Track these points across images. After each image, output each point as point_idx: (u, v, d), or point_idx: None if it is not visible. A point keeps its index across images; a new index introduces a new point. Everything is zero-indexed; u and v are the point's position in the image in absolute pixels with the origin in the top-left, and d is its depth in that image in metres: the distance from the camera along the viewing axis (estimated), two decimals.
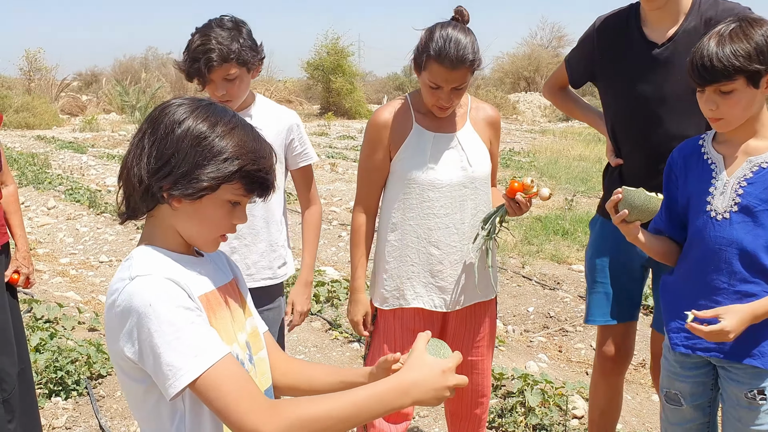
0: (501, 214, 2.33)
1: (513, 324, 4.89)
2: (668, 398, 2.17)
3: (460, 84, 2.20)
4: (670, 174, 2.13)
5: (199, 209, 1.31)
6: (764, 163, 1.91)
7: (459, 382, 1.29)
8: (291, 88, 33.81)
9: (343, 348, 4.42)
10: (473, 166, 2.35)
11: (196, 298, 1.27)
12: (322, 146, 16.40)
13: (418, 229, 2.34)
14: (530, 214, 8.23)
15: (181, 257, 1.35)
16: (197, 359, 1.18)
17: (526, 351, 4.41)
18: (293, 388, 1.55)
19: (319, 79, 27.32)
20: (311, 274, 2.64)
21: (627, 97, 2.40)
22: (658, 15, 2.31)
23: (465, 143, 2.36)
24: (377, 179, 2.39)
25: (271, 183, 1.37)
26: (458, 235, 2.36)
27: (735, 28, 1.84)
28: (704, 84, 1.85)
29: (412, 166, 2.31)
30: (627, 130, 2.45)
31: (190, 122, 1.29)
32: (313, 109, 29.55)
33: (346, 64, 26.98)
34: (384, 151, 2.35)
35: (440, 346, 1.37)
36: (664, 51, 2.31)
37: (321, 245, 7.04)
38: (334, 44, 26.88)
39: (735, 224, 1.92)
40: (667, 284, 2.14)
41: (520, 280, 5.84)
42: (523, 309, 5.16)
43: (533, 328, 4.82)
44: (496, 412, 3.42)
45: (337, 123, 23.74)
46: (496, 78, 37.42)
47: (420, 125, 2.34)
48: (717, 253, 1.95)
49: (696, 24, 2.27)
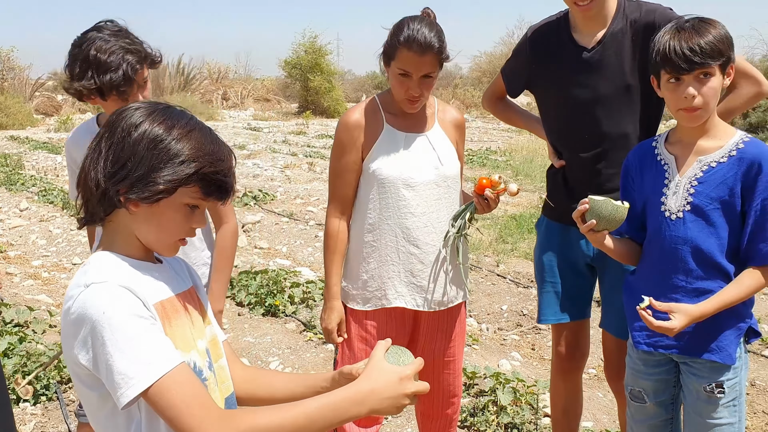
0: (470, 211, 2.37)
1: (487, 322, 4.92)
2: (632, 396, 2.21)
3: (430, 71, 2.23)
4: (626, 176, 2.18)
5: (156, 213, 1.31)
6: (713, 162, 1.96)
7: (418, 389, 1.29)
8: (269, 86, 33.67)
9: (317, 349, 4.42)
10: (444, 165, 2.38)
11: (151, 306, 1.26)
12: (300, 145, 16.36)
13: (396, 228, 2.35)
14: (505, 213, 8.28)
15: (139, 263, 1.34)
16: (149, 368, 1.17)
17: (500, 349, 4.43)
18: (253, 396, 1.53)
19: (297, 77, 27.20)
20: (221, 304, 2.38)
21: (564, 102, 2.46)
22: (587, 20, 2.38)
23: (435, 143, 2.40)
24: (350, 180, 2.39)
25: (230, 186, 1.36)
26: (436, 234, 2.38)
27: (696, 22, 1.93)
28: (692, 69, 1.88)
29: (387, 165, 2.33)
30: (566, 133, 2.50)
31: (147, 125, 1.29)
32: (291, 108, 29.45)
33: (324, 63, 26.88)
34: (356, 152, 2.35)
35: (400, 353, 1.36)
36: (594, 54, 2.38)
37: (296, 245, 7.05)
38: (312, 43, 26.77)
39: (688, 223, 1.97)
40: (630, 284, 2.17)
41: (495, 278, 5.87)
42: (497, 307, 5.19)
43: (507, 326, 4.85)
44: (468, 411, 3.44)
45: (315, 122, 23.68)
46: (474, 77, 37.52)
47: (391, 125, 2.36)
48: (674, 252, 2.00)
49: (622, 26, 2.35)
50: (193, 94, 28.29)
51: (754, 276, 1.94)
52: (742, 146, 1.95)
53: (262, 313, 5.05)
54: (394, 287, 2.38)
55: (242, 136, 18.30)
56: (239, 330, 4.78)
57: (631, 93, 2.36)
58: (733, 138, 1.98)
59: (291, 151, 14.93)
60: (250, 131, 20.15)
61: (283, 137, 18.17)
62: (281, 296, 5.20)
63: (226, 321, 4.91)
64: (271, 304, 5.08)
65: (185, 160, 1.28)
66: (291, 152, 14.79)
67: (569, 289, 2.58)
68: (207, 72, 32.68)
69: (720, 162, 1.95)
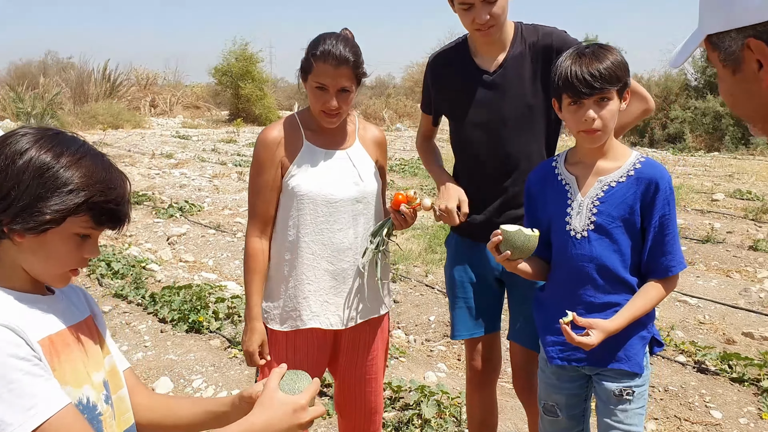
0: (388, 227, 2.38)
1: (415, 334, 4.94)
2: (546, 410, 2.25)
3: (345, 85, 2.24)
4: (529, 198, 2.25)
5: (44, 244, 1.25)
6: (613, 182, 2.04)
7: (314, 416, 1.29)
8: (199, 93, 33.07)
9: (242, 366, 4.33)
10: (365, 182, 2.39)
11: (35, 343, 1.20)
12: (230, 154, 16.11)
13: (314, 246, 2.33)
14: (434, 222, 8.36)
15: (26, 296, 1.27)
16: (31, 413, 1.12)
17: (426, 361, 4.46)
18: (159, 424, 1.51)
19: (228, 84, 26.82)
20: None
21: (470, 124, 2.50)
22: (488, 45, 2.44)
23: (355, 160, 2.40)
24: (270, 198, 2.35)
25: (123, 214, 1.31)
26: (352, 250, 2.37)
27: (594, 48, 2.01)
28: (591, 93, 1.95)
29: (307, 182, 2.30)
30: (473, 153, 2.53)
31: (33, 152, 1.23)
32: (222, 116, 29.00)
33: (256, 71, 26.62)
34: (276, 170, 2.33)
35: (296, 379, 1.35)
36: (496, 77, 2.44)
37: (223, 258, 6.92)
38: (243, 50, 26.47)
39: (593, 241, 2.04)
40: (541, 300, 2.22)
41: (423, 288, 5.91)
42: (425, 318, 5.23)
43: (434, 337, 4.88)
44: (392, 425, 3.44)
45: (246, 129, 23.39)
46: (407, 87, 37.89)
47: (310, 142, 2.35)
48: (581, 269, 2.07)
49: (522, 50, 2.43)
50: (119, 101, 27.46)
51: (656, 288, 2.04)
52: (638, 166, 2.04)
53: (185, 329, 4.92)
54: (309, 307, 2.36)
55: (170, 145, 17.88)
56: (161, 348, 4.65)
57: (533, 113, 2.43)
58: (630, 158, 2.06)
59: (220, 160, 14.68)
60: (179, 139, 19.71)
61: (213, 145, 17.86)
62: (205, 312, 5.08)
63: (147, 339, 4.77)
64: (195, 321, 4.96)
65: (74, 189, 1.22)
66: (220, 161, 14.54)
67: (480, 303, 2.62)
68: (135, 78, 31.81)
69: (619, 182, 2.03)
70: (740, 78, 1.15)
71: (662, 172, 2.02)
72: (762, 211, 8.86)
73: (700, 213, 8.94)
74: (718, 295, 5.67)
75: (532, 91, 2.42)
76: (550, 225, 2.16)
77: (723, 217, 8.79)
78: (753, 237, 7.54)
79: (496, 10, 2.30)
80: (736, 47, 1.12)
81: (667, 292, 2.05)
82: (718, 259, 6.78)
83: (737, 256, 6.88)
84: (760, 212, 8.82)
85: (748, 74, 1.13)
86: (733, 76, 1.16)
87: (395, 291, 5.81)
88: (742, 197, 10.24)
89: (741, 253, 7.00)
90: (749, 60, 1.11)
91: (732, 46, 1.13)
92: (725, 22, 1.12)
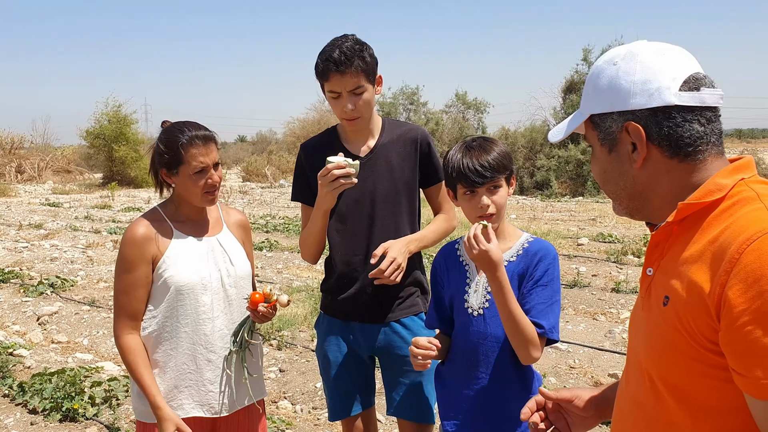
0: (249, 326, 2.45)
1: (301, 403, 4.93)
2: None
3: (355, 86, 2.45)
4: (434, 276, 2.38)
5: None
6: (505, 261, 2.17)
7: None
8: (70, 156, 31.66)
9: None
10: (236, 266, 2.46)
11: None
12: (104, 220, 15.49)
13: (193, 335, 2.35)
14: (319, 283, 8.40)
15: None
16: None
17: (314, 431, 4.46)
18: None
19: (101, 147, 25.89)
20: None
21: (344, 202, 2.60)
22: (357, 134, 2.63)
23: (226, 245, 2.47)
24: (142, 296, 2.34)
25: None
26: (230, 336, 2.42)
27: (480, 141, 2.19)
28: (483, 182, 2.11)
29: (183, 272, 2.33)
30: (346, 230, 2.63)
31: None
32: (96, 179, 27.86)
33: (130, 132, 25.92)
34: (146, 266, 2.33)
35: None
36: (368, 160, 2.61)
37: (99, 336, 6.63)
38: (116, 112, 25.73)
39: (488, 319, 2.16)
40: (442, 376, 2.33)
41: (310, 354, 5.91)
42: (311, 386, 5.22)
43: (321, 405, 4.88)
44: None
45: (121, 193, 22.58)
46: (289, 142, 38.06)
47: (180, 232, 2.39)
48: (477, 346, 2.18)
49: (390, 138, 2.64)
50: None
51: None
52: (527, 245, 2.20)
53: (58, 419, 4.65)
54: (191, 396, 2.36)
55: (39, 214, 16.95)
56: None
57: (399, 193, 2.60)
58: (520, 239, 2.22)
59: (94, 228, 14.08)
60: (49, 207, 18.72)
61: (86, 212, 17.11)
62: (81, 398, 4.83)
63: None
64: (70, 408, 4.70)
65: None
66: (94, 229, 13.94)
67: (357, 380, 2.70)
68: None
69: (510, 261, 2.17)
70: (614, 157, 1.29)
71: (548, 248, 2.18)
72: (622, 253, 9.60)
73: (568, 258, 9.54)
74: (586, 339, 6.06)
75: (399, 174, 2.60)
76: (452, 303, 2.28)
77: (588, 260, 9.43)
78: (615, 279, 8.13)
79: (361, 104, 2.48)
80: (615, 128, 1.26)
81: (540, 348, 2.06)
82: (585, 303, 7.25)
83: (602, 299, 7.39)
84: (621, 254, 9.55)
85: (622, 154, 1.27)
86: (609, 155, 1.30)
87: (280, 359, 5.78)
88: (605, 240, 11.04)
89: (605, 295, 7.53)
90: (625, 141, 1.25)
91: (612, 127, 1.27)
92: (609, 105, 1.26)
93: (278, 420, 4.46)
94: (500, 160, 2.13)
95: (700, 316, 1.10)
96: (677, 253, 1.19)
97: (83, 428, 4.54)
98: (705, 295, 1.09)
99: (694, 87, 1.20)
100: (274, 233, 13.30)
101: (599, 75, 1.28)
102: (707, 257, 1.11)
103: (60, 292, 8.31)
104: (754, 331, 1.01)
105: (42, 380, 5.06)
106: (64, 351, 6.24)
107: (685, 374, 1.15)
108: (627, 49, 1.27)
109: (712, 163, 1.22)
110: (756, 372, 1.02)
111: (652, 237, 1.28)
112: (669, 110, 1.20)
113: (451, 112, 31.48)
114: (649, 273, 1.29)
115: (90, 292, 8.37)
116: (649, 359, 1.24)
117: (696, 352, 1.12)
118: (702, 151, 1.21)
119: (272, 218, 15.94)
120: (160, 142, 2.36)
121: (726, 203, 1.17)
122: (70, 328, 6.95)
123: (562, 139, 1.43)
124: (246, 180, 30.18)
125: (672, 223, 1.22)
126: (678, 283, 1.15)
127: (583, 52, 22.91)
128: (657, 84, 1.20)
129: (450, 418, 2.25)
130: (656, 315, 1.21)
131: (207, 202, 2.39)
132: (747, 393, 1.05)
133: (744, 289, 1.02)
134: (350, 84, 2.43)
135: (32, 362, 5.84)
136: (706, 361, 1.11)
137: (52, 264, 10.20)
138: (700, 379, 1.14)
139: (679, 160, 1.22)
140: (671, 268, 1.19)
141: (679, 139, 1.20)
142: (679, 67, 1.22)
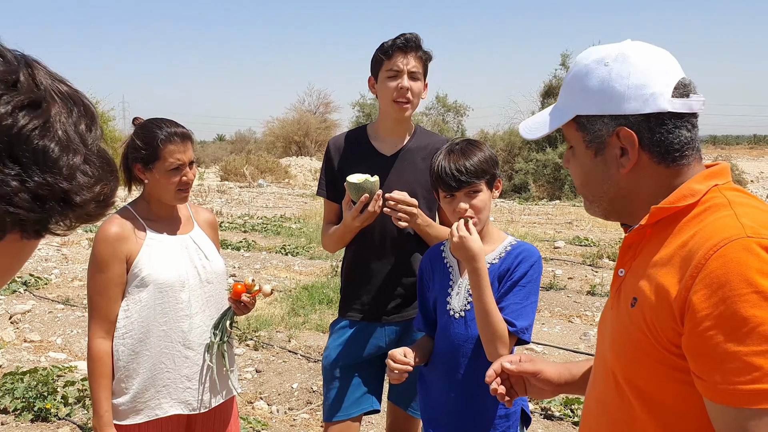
0: (230, 317, 2.45)
1: (277, 403, 4.92)
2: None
3: (415, 68, 2.56)
4: (421, 278, 2.39)
5: None
6: (488, 264, 2.17)
7: None
8: None
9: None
10: (211, 261, 2.47)
11: None
12: None
13: (171, 333, 2.34)
14: (297, 284, 8.40)
15: None
16: None
17: (290, 431, 4.45)
18: None
19: None
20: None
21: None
22: (390, 133, 2.69)
23: (199, 242, 2.48)
24: (116, 295, 2.31)
25: None
26: (209, 333, 2.43)
27: (465, 145, 2.19)
28: (460, 187, 2.12)
29: (160, 269, 2.32)
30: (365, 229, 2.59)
31: None
32: None
33: (107, 129, 25.61)
34: (120, 265, 2.30)
35: None
36: (393, 159, 2.67)
37: (73, 335, 6.55)
38: None
39: (469, 321, 2.17)
40: (424, 377, 2.34)
41: (286, 355, 5.90)
42: (287, 386, 5.21)
43: (297, 405, 4.88)
44: None
45: None
46: (269, 142, 37.96)
47: (154, 230, 2.38)
48: (458, 348, 2.19)
49: (417, 146, 2.70)
50: None
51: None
52: (509, 248, 2.21)
53: (30, 419, 4.59)
54: (169, 395, 2.36)
55: None
56: None
57: (417, 196, 2.55)
58: (504, 242, 2.23)
59: None
60: None
61: None
62: (53, 398, 4.77)
63: None
64: (42, 408, 4.64)
65: None
66: None
67: (360, 383, 2.68)
68: None
69: (493, 263, 2.18)
70: (600, 161, 1.26)
71: (532, 250, 2.19)
72: (598, 257, 9.71)
73: (544, 261, 9.62)
74: (562, 341, 6.12)
75: (421, 177, 2.62)
76: (435, 304, 2.29)
77: (564, 263, 9.53)
78: (591, 282, 8.23)
79: (415, 89, 2.57)
80: (605, 132, 1.22)
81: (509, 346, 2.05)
82: (561, 305, 7.33)
83: (577, 302, 7.47)
84: (596, 257, 9.66)
85: (609, 158, 1.24)
86: (594, 158, 1.26)
87: (257, 360, 5.77)
88: (581, 243, 11.17)
89: (581, 298, 7.62)
90: (614, 146, 1.22)
91: (602, 130, 1.22)
92: (600, 108, 1.22)
93: (254, 420, 4.45)
94: (480, 165, 2.12)
95: (665, 319, 1.11)
96: (649, 255, 1.20)
97: (55, 428, 4.49)
98: (671, 299, 1.10)
99: (684, 93, 1.20)
100: (252, 233, 13.24)
101: (588, 75, 1.25)
102: (676, 261, 1.12)
103: (33, 291, 8.20)
104: (715, 336, 1.02)
105: (14, 380, 4.99)
106: (36, 350, 6.16)
107: (648, 376, 1.17)
108: (617, 51, 1.23)
109: (694, 168, 1.23)
110: (714, 376, 1.03)
111: (626, 239, 1.28)
112: (662, 116, 1.19)
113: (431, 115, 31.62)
114: (620, 274, 1.29)
115: (64, 290, 8.26)
116: (615, 359, 1.25)
117: (660, 355, 1.13)
118: (687, 156, 1.22)
119: (250, 218, 15.86)
120: (136, 138, 2.35)
121: (698, 209, 1.17)
122: (44, 326, 6.86)
123: (539, 138, 1.38)
124: (224, 179, 30.00)
125: (645, 225, 1.22)
126: (647, 286, 1.16)
127: (561, 57, 23.19)
128: (651, 90, 1.19)
129: (430, 418, 2.27)
130: (624, 316, 1.22)
131: (179, 199, 2.39)
132: (706, 397, 1.07)
133: (708, 295, 1.04)
134: (411, 65, 2.55)
135: (4, 361, 5.75)
136: (669, 364, 1.13)
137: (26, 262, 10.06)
138: (663, 382, 1.15)
139: (665, 166, 1.22)
140: (642, 271, 1.20)
141: (669, 145, 1.20)
142: (669, 72, 1.21)
